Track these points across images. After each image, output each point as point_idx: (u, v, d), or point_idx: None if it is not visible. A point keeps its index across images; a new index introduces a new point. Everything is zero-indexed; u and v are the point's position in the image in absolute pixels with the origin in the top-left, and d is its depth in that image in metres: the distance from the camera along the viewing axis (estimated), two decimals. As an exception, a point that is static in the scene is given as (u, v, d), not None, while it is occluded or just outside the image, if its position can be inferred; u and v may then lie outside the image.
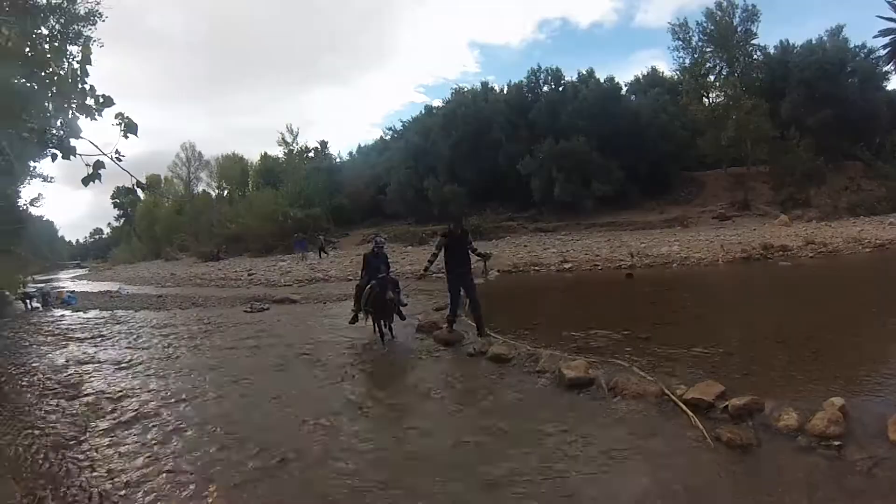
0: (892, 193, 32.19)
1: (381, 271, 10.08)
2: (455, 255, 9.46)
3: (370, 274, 10.22)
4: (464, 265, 9.51)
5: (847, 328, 9.01)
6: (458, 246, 9.50)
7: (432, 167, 44.08)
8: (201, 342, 11.19)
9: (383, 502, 4.40)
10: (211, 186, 74.12)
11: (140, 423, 6.36)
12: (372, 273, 10.16)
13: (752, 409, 5.18)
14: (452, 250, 9.46)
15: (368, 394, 7.01)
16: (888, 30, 40.77)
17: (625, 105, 42.04)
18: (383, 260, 10.68)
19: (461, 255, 9.50)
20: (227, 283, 27.12)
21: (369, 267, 10.48)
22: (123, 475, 4.98)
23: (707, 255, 20.88)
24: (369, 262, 10.60)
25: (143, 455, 5.40)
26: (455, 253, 9.46)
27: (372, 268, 10.36)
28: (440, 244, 9.61)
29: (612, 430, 5.34)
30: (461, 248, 9.53)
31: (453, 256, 9.46)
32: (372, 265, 10.47)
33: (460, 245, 9.54)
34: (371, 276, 10.09)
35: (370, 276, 10.16)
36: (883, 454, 4.37)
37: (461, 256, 9.49)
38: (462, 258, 9.50)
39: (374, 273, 10.10)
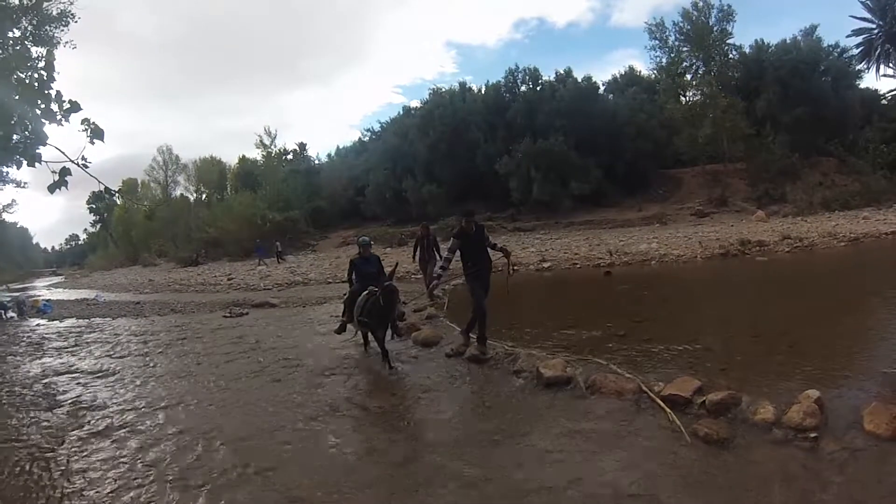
0: (866, 188, 32.98)
1: (374, 277, 8.79)
2: (472, 256, 8.28)
3: (363, 281, 8.82)
4: (484, 263, 8.37)
5: (822, 321, 9.08)
6: (475, 244, 8.32)
7: (410, 168, 44.16)
8: (180, 349, 11.02)
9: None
10: (189, 190, 74.15)
11: (118, 432, 6.23)
12: (365, 279, 8.83)
13: (729, 403, 5.19)
14: (469, 250, 8.26)
15: (347, 398, 6.91)
16: (861, 29, 41.76)
17: (602, 104, 42.38)
18: (375, 264, 9.25)
19: (480, 253, 8.34)
20: (207, 288, 26.92)
21: (359, 273, 9.08)
22: (101, 486, 4.88)
23: (685, 251, 20.98)
24: (358, 268, 9.17)
25: (121, 465, 5.30)
26: (473, 252, 8.28)
27: (363, 274, 9.00)
28: (455, 247, 8.24)
29: (589, 428, 5.32)
30: (479, 245, 8.36)
31: (471, 255, 8.27)
32: (363, 271, 9.08)
33: (478, 243, 8.36)
34: (363, 283, 8.77)
35: (361, 282, 8.83)
36: (858, 445, 4.39)
37: (479, 255, 8.34)
38: (482, 255, 8.36)
39: (367, 279, 8.79)
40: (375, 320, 8.26)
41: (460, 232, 8.31)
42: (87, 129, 4.28)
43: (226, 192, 68.95)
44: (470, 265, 8.25)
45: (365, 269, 9.13)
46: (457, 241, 8.22)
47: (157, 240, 62.61)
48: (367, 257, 9.32)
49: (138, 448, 5.69)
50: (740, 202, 35.95)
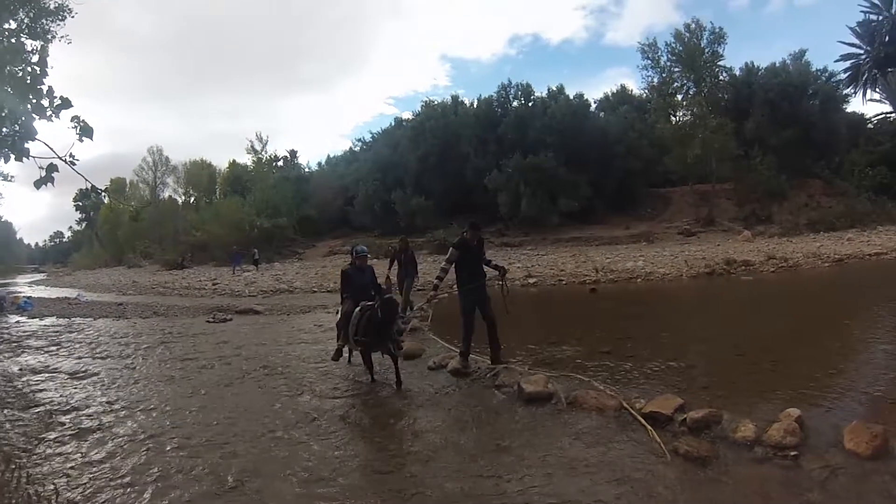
0: (850, 210, 33.54)
1: (368, 290, 8.26)
2: (469, 268, 7.90)
3: (356, 295, 8.14)
4: (479, 278, 7.98)
5: (805, 341, 9.16)
6: (473, 258, 7.96)
7: (400, 179, 44.14)
8: (161, 353, 10.89)
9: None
10: (177, 192, 73.76)
11: (94, 434, 6.13)
12: (358, 293, 8.16)
13: (710, 421, 5.19)
14: (466, 263, 7.88)
15: (327, 407, 6.83)
16: (849, 54, 42.80)
17: (593, 121, 42.69)
18: (369, 275, 8.57)
19: (476, 267, 7.97)
20: (191, 293, 26.82)
21: (352, 286, 8.31)
22: (75, 488, 4.79)
23: (671, 270, 21.09)
24: (351, 280, 8.37)
25: (97, 468, 5.21)
26: (469, 266, 7.90)
27: (356, 286, 8.28)
28: (453, 257, 7.89)
29: (570, 444, 5.28)
30: (476, 260, 8.00)
31: (467, 269, 7.89)
32: (356, 283, 8.33)
33: (476, 257, 8.01)
34: (357, 297, 8.08)
35: (355, 296, 8.11)
36: (838, 463, 4.40)
37: (476, 269, 7.97)
38: (478, 271, 7.98)
39: (360, 293, 8.14)
40: (374, 337, 7.52)
41: (462, 242, 8.01)
42: (77, 127, 4.24)
43: (215, 195, 68.80)
44: (465, 278, 7.86)
45: (359, 280, 8.36)
46: (456, 252, 7.89)
47: (143, 241, 61.93)
48: (362, 268, 8.54)
49: (114, 451, 5.60)
50: (727, 222, 36.24)
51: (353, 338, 7.75)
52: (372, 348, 7.80)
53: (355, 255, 8.68)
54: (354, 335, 7.70)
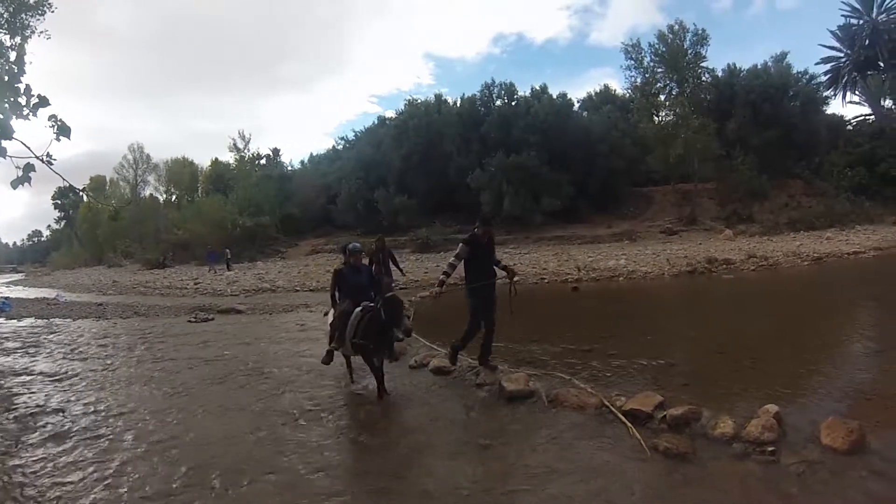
0: (830, 210, 34.17)
1: (366, 291, 7.56)
2: (478, 267, 7.47)
3: (352, 295, 7.44)
4: (489, 277, 7.57)
5: (784, 338, 9.21)
6: (482, 256, 7.53)
7: (383, 178, 44.06)
8: (142, 353, 10.75)
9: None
10: (159, 191, 72.77)
11: (74, 437, 6.04)
12: (355, 295, 7.44)
13: (690, 418, 5.22)
14: (475, 261, 7.45)
15: (308, 407, 6.77)
16: (829, 58, 43.68)
17: (576, 121, 42.87)
18: (366, 275, 7.92)
19: (486, 265, 7.56)
20: (172, 292, 26.57)
21: (347, 286, 7.60)
22: (56, 492, 4.72)
23: (653, 268, 21.19)
24: (346, 280, 7.64)
25: (77, 471, 5.13)
26: (478, 264, 7.47)
27: (353, 287, 7.57)
28: (463, 253, 7.40)
29: (550, 442, 5.28)
30: (486, 258, 7.58)
31: (476, 268, 7.45)
32: (351, 283, 7.61)
33: (486, 254, 7.59)
34: (354, 300, 7.37)
35: (351, 297, 7.42)
36: (815, 458, 4.44)
37: (486, 267, 7.55)
38: (487, 270, 7.56)
39: (357, 295, 7.43)
40: (375, 341, 6.85)
41: (472, 238, 7.50)
42: (54, 126, 4.19)
43: (196, 194, 68.15)
44: (473, 278, 7.40)
45: (354, 280, 7.60)
46: (466, 248, 7.40)
47: (124, 240, 61.04)
48: (358, 267, 7.79)
49: (95, 454, 5.52)
50: (709, 221, 36.55)
51: (351, 340, 7.01)
52: (371, 353, 6.98)
53: (348, 252, 7.77)
54: (353, 337, 6.99)
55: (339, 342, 7.25)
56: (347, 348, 7.26)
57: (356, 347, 7.07)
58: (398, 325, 6.60)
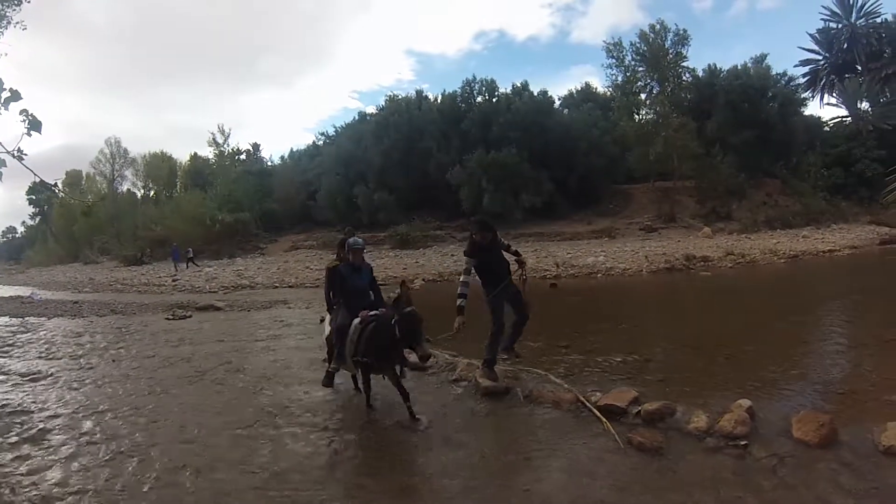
0: (806, 209, 34.84)
1: (367, 295, 6.63)
2: (491, 270, 6.85)
3: (352, 301, 6.49)
4: (505, 275, 6.92)
5: (759, 334, 9.30)
6: (491, 259, 6.90)
7: (363, 174, 43.86)
8: (118, 352, 10.58)
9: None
10: (136, 186, 70.90)
11: (49, 437, 5.95)
12: (354, 299, 6.50)
13: (664, 413, 5.28)
14: (486, 266, 6.83)
15: (286, 404, 6.72)
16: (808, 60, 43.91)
17: (557, 118, 42.84)
18: (367, 275, 6.77)
19: (499, 266, 6.95)
20: (150, 289, 26.26)
21: (345, 289, 6.61)
22: (31, 491, 4.65)
23: (632, 265, 21.32)
24: (345, 281, 6.62)
25: (52, 471, 5.07)
26: (490, 267, 6.86)
27: (352, 290, 6.57)
28: (469, 268, 6.78)
29: (526, 437, 5.33)
30: (497, 259, 6.96)
31: (489, 272, 6.84)
32: (351, 286, 6.58)
33: (495, 256, 6.96)
34: (353, 305, 6.45)
35: (352, 304, 6.47)
36: (786, 451, 4.53)
37: (500, 268, 6.94)
38: (502, 270, 6.95)
39: (356, 299, 6.50)
40: (382, 358, 6.01)
41: (473, 248, 6.82)
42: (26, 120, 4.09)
43: (175, 189, 66.81)
44: (491, 282, 6.79)
45: (354, 283, 6.61)
46: (471, 260, 6.75)
47: (100, 236, 59.86)
48: (358, 266, 6.69)
49: (71, 454, 5.45)
50: (688, 219, 36.81)
51: (352, 358, 6.19)
52: (376, 371, 6.23)
53: (348, 248, 6.73)
54: (353, 355, 6.16)
55: (339, 361, 6.47)
56: (350, 367, 6.45)
57: (359, 365, 6.22)
58: (416, 346, 5.63)
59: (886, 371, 6.59)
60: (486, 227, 6.95)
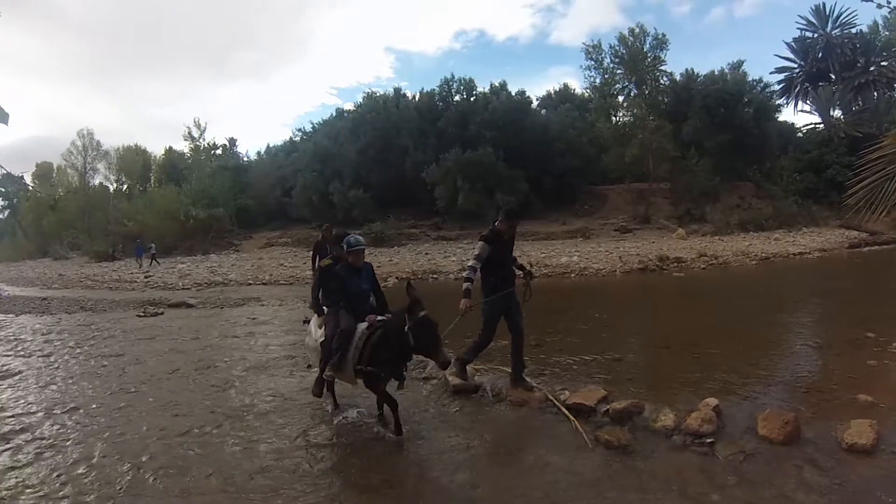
0: (778, 212, 35.29)
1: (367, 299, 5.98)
2: (498, 270, 6.33)
3: (353, 306, 5.80)
4: (510, 280, 6.45)
5: (729, 334, 9.41)
6: (504, 255, 6.41)
7: (339, 171, 43.62)
8: (88, 349, 10.43)
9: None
10: (109, 179, 69.75)
11: (16, 437, 5.84)
12: (355, 304, 5.83)
13: (632, 411, 5.35)
14: (495, 262, 6.29)
15: (256, 402, 6.69)
16: (783, 67, 45.61)
17: (534, 118, 43.04)
18: (368, 277, 6.07)
19: (507, 268, 6.47)
20: (122, 286, 25.75)
21: (346, 293, 5.89)
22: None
23: (605, 265, 21.42)
24: (345, 285, 5.91)
25: (17, 470, 5.00)
26: (498, 266, 6.33)
27: (352, 294, 5.88)
28: (484, 253, 6.19)
29: (494, 435, 5.37)
30: (507, 259, 6.48)
31: (496, 271, 6.31)
32: (351, 289, 5.90)
33: (507, 254, 6.48)
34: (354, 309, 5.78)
35: (350, 308, 5.80)
36: (751, 449, 4.63)
37: (507, 270, 6.46)
38: (509, 273, 6.46)
39: (357, 304, 5.84)
40: (390, 368, 5.45)
41: (493, 235, 6.31)
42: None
43: (149, 184, 65.70)
44: (494, 283, 6.30)
45: (355, 286, 5.93)
46: (487, 247, 6.20)
47: (71, 231, 58.84)
48: (357, 267, 5.97)
49: (38, 454, 5.37)
50: (663, 220, 37.16)
51: (356, 367, 5.55)
52: (381, 381, 5.54)
53: (347, 248, 5.97)
54: (357, 363, 5.53)
55: (338, 368, 5.69)
56: (349, 375, 5.75)
57: (362, 375, 5.61)
58: (434, 354, 5.18)
59: (851, 370, 6.70)
60: (514, 217, 6.53)
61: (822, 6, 44.41)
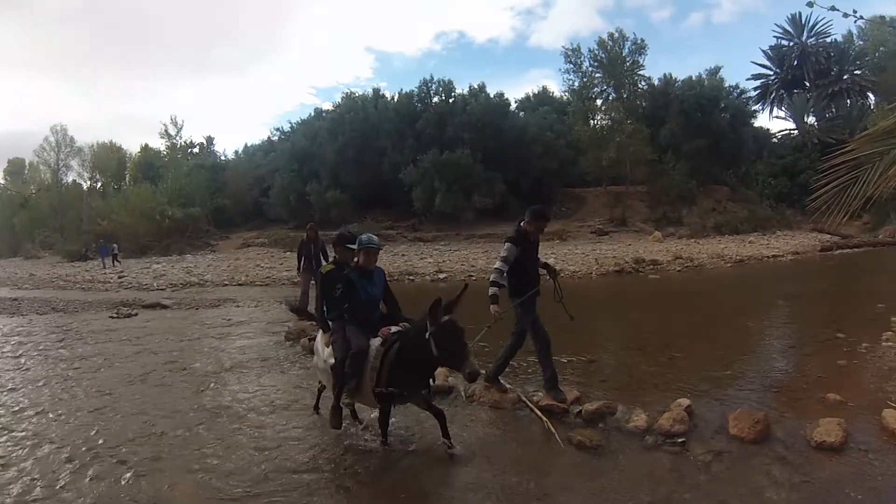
0: (753, 216, 36.19)
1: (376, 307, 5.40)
2: (525, 272, 5.99)
3: (359, 314, 5.22)
4: (536, 282, 6.09)
5: (702, 335, 9.50)
6: (530, 257, 6.05)
7: (316, 171, 43.57)
8: (59, 351, 10.18)
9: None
10: (83, 177, 68.11)
11: None
12: (366, 314, 5.26)
13: (605, 412, 5.37)
14: (522, 265, 5.94)
15: (231, 404, 6.59)
16: (759, 75, 47.52)
17: (512, 121, 43.22)
18: (380, 283, 5.44)
19: (533, 269, 6.11)
20: (95, 286, 25.16)
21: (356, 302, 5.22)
22: None
23: (581, 268, 21.47)
24: (355, 291, 5.22)
25: None
26: (525, 268, 5.98)
27: (363, 304, 5.25)
28: (512, 256, 5.82)
29: (467, 435, 5.33)
30: (534, 261, 6.12)
31: (523, 273, 5.97)
32: (363, 298, 5.25)
33: (534, 256, 6.11)
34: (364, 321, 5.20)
35: (363, 320, 5.21)
36: (722, 448, 4.68)
37: (534, 272, 6.11)
38: (534, 272, 6.12)
39: (368, 313, 5.28)
40: (412, 384, 4.85)
41: (521, 236, 5.95)
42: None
43: (124, 182, 64.86)
44: (521, 285, 5.95)
45: (367, 293, 5.28)
46: (515, 249, 5.83)
47: (43, 230, 58.13)
48: (370, 270, 5.33)
49: (5, 458, 5.24)
50: (639, 223, 37.50)
51: (375, 390, 4.84)
52: (401, 401, 5.04)
53: (359, 246, 5.31)
54: (375, 385, 4.84)
55: (355, 394, 5.06)
56: (368, 399, 5.05)
57: (380, 398, 4.91)
58: (460, 364, 4.51)
59: (821, 370, 6.79)
60: (543, 218, 6.13)
61: (797, 16, 46.29)
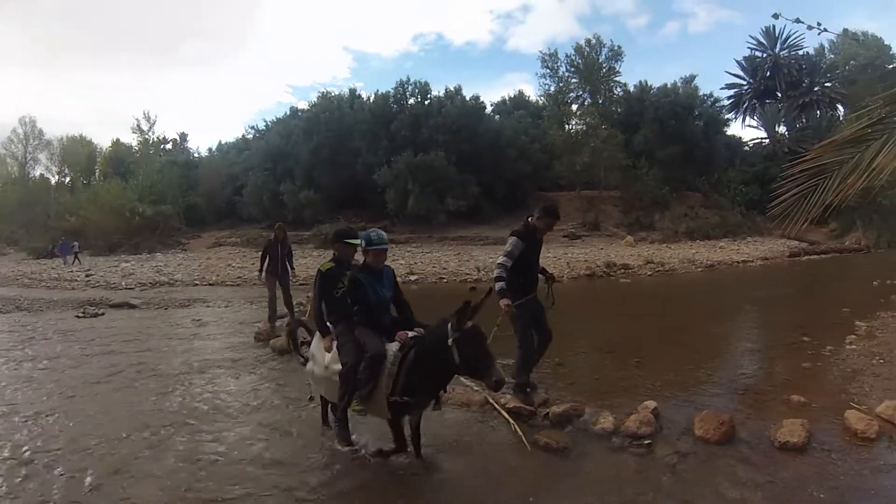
0: (724, 222, 36.83)
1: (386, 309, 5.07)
2: (526, 271, 5.89)
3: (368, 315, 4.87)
4: (535, 284, 6.08)
5: (672, 339, 9.55)
6: (533, 256, 5.98)
7: (290, 171, 43.21)
8: (21, 352, 9.92)
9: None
10: (51, 171, 66.82)
11: None
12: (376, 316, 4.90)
13: (572, 414, 5.43)
14: (524, 262, 5.84)
15: (198, 406, 6.49)
16: (733, 84, 48.82)
17: (487, 124, 43.29)
18: (390, 283, 5.13)
19: (534, 270, 6.04)
20: (61, 285, 24.58)
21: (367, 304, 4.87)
22: None
23: (553, 271, 21.26)
24: (365, 292, 4.88)
25: None
26: (527, 266, 5.89)
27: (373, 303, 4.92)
28: (516, 251, 5.76)
29: (434, 437, 5.27)
30: (537, 257, 6.06)
31: (524, 272, 5.87)
32: (372, 297, 4.91)
33: (537, 253, 6.07)
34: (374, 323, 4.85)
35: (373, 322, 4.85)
36: (688, 449, 4.76)
37: (534, 273, 6.04)
38: (535, 272, 6.06)
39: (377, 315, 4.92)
40: (426, 394, 4.64)
41: (528, 231, 5.90)
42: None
43: (94, 177, 63.45)
44: (521, 285, 5.82)
45: (378, 295, 4.96)
46: (520, 244, 5.77)
47: (8, 226, 56.53)
48: (379, 270, 5.05)
49: None
50: (612, 227, 37.77)
51: (390, 398, 4.48)
52: (415, 411, 4.74)
53: (367, 245, 4.98)
54: (390, 393, 4.47)
55: (368, 403, 4.64)
56: (380, 408, 4.63)
57: (394, 408, 4.56)
58: (485, 373, 4.23)
59: (787, 372, 6.93)
60: (555, 216, 6.10)
61: (771, 28, 47.47)
